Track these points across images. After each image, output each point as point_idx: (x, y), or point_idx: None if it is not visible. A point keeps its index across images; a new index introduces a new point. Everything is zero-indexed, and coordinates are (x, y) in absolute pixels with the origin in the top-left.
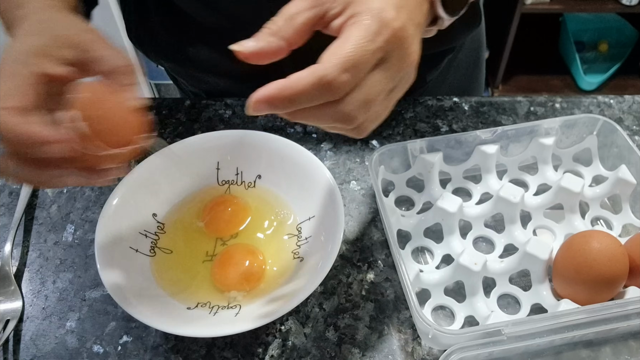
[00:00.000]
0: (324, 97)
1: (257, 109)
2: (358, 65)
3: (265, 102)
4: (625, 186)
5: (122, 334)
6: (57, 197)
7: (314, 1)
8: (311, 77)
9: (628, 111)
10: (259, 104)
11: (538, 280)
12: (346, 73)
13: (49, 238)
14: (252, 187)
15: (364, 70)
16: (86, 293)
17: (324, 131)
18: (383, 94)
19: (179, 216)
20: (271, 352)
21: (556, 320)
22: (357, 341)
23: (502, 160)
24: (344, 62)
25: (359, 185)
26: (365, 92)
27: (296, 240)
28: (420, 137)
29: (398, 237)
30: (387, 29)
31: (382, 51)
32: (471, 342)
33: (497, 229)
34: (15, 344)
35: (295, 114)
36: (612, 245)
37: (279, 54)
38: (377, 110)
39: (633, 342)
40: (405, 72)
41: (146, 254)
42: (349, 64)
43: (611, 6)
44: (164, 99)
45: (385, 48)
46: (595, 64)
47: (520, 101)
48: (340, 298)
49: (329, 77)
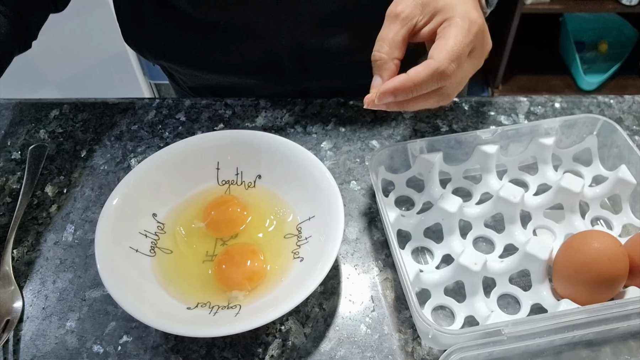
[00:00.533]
0: (437, 84)
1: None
2: (460, 56)
3: (391, 94)
4: (625, 186)
5: (122, 334)
6: (57, 197)
7: (403, 20)
8: (428, 70)
9: (628, 111)
10: (385, 95)
11: (538, 280)
12: (453, 63)
13: (49, 238)
14: (252, 187)
15: (464, 59)
16: (86, 293)
17: (324, 131)
18: (470, 75)
19: (179, 216)
20: (271, 352)
21: (556, 320)
22: (357, 341)
23: (502, 160)
24: (451, 55)
25: (359, 185)
26: (460, 75)
27: (296, 240)
28: (420, 137)
29: (398, 237)
30: (475, 25)
31: (472, 43)
32: (471, 342)
33: (497, 229)
34: (15, 344)
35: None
36: (612, 245)
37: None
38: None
39: (633, 342)
40: (481, 58)
41: (146, 254)
42: (455, 55)
43: (611, 6)
44: (164, 99)
45: (474, 40)
46: (595, 64)
47: (520, 101)
48: (340, 298)
49: (442, 67)
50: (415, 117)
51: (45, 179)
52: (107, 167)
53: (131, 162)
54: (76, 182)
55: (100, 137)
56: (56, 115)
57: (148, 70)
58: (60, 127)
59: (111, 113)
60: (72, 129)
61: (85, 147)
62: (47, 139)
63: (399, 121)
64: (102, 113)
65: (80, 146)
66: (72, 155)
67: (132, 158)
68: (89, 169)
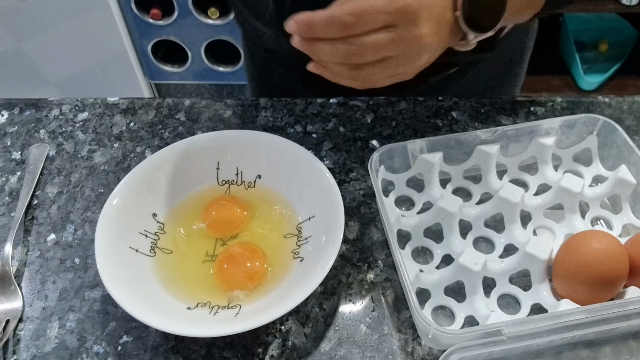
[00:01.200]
0: (332, 31)
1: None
2: (362, 15)
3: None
4: (625, 186)
5: (122, 334)
6: (57, 197)
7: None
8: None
9: (628, 111)
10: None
11: (538, 280)
12: (350, 16)
13: (49, 238)
14: (252, 187)
15: (368, 23)
16: (86, 293)
17: (324, 131)
18: (382, 52)
19: (179, 216)
20: (271, 352)
21: (556, 320)
22: (357, 341)
23: (502, 160)
24: (352, 9)
25: (359, 185)
26: (368, 41)
27: (296, 240)
28: (420, 137)
29: (398, 237)
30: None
31: (390, 17)
32: (471, 342)
33: (497, 229)
34: (15, 344)
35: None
36: (612, 245)
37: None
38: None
39: (633, 342)
40: (408, 47)
41: (146, 254)
42: (356, 11)
43: (611, 6)
44: (164, 99)
45: (394, 15)
46: (595, 64)
47: (520, 101)
48: (340, 298)
49: (336, 15)
50: (415, 117)
51: (45, 179)
52: (107, 167)
53: (131, 162)
54: (76, 182)
55: (100, 137)
56: (56, 115)
57: (148, 70)
58: (60, 127)
59: (111, 113)
60: (72, 129)
61: (85, 147)
62: (47, 139)
63: (399, 121)
64: (102, 113)
65: (80, 146)
66: (72, 155)
67: (132, 158)
68: (89, 169)
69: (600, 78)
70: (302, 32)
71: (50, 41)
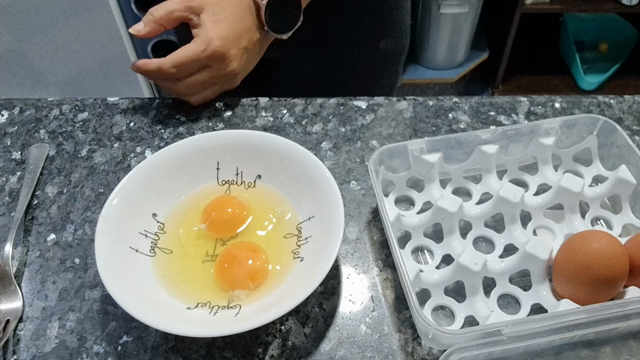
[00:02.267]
0: (162, 78)
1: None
2: (183, 66)
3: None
4: (625, 186)
5: (122, 334)
6: (57, 197)
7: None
8: (155, 64)
9: (628, 111)
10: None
11: (538, 280)
12: (174, 68)
13: (49, 238)
14: (252, 187)
15: (189, 70)
16: (86, 293)
17: (324, 131)
18: (205, 85)
19: (179, 216)
20: (271, 352)
21: (556, 320)
22: (357, 341)
23: (502, 160)
24: (174, 62)
25: (359, 185)
26: (191, 82)
27: (296, 240)
28: (420, 137)
29: (398, 237)
30: (209, 51)
31: (204, 62)
32: (471, 342)
33: (497, 229)
34: (15, 344)
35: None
36: (612, 245)
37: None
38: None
39: (633, 342)
40: (225, 77)
41: (146, 254)
42: (178, 64)
43: (611, 6)
44: (164, 99)
45: (206, 60)
46: (595, 64)
47: (520, 101)
48: (340, 298)
49: (163, 67)
50: (416, 117)
51: (45, 179)
52: (107, 167)
53: (131, 162)
54: (76, 182)
55: (100, 137)
56: (56, 115)
57: None
58: (60, 127)
59: (111, 113)
60: (72, 129)
61: (85, 147)
62: (47, 139)
63: (399, 121)
64: (102, 113)
65: (80, 146)
66: (72, 155)
67: (132, 158)
68: (89, 169)
69: (600, 78)
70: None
71: (50, 41)
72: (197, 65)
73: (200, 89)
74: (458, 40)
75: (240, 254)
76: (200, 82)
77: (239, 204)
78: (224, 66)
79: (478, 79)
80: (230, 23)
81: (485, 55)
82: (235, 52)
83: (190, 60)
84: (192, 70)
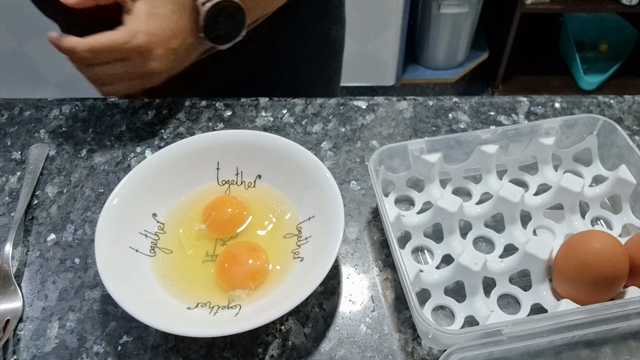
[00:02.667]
0: (75, 60)
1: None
2: (99, 52)
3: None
4: (625, 186)
5: (122, 334)
6: (57, 197)
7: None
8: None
9: (628, 111)
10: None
11: (538, 280)
12: (89, 52)
13: (49, 238)
14: (252, 187)
15: (105, 58)
16: (86, 293)
17: (324, 131)
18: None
19: (179, 216)
20: (271, 352)
21: (556, 320)
22: (357, 341)
23: (502, 160)
24: (90, 46)
25: (359, 185)
26: (104, 71)
27: (296, 240)
28: (420, 137)
29: (398, 237)
30: (132, 44)
31: (124, 54)
32: (471, 342)
33: (497, 229)
34: (15, 344)
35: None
36: (612, 245)
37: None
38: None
39: (633, 342)
40: (144, 74)
41: (146, 254)
42: (94, 49)
43: (611, 6)
44: (164, 99)
45: (127, 53)
46: (595, 64)
47: (520, 101)
48: (340, 298)
49: (77, 49)
50: (416, 117)
51: (45, 179)
52: (107, 167)
53: (131, 162)
54: (76, 182)
55: (100, 137)
56: (56, 115)
57: None
58: (60, 127)
59: (111, 113)
60: (72, 129)
61: (85, 147)
62: (47, 139)
63: (399, 121)
64: (102, 113)
65: (80, 146)
66: (72, 155)
67: (132, 158)
68: (89, 169)
69: (600, 78)
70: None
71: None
72: (115, 55)
73: (113, 81)
74: (458, 40)
75: (240, 254)
76: (115, 74)
77: (239, 204)
78: (144, 63)
79: (478, 79)
80: (166, 20)
81: (485, 55)
82: (161, 52)
83: (108, 49)
84: (108, 59)
